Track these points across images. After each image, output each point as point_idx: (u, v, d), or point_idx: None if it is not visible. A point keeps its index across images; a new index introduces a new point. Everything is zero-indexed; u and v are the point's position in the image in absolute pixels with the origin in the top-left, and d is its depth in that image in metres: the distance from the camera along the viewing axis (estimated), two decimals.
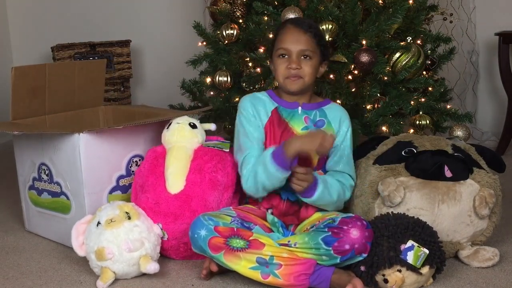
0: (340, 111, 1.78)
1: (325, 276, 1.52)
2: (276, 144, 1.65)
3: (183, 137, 1.82)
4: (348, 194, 1.74)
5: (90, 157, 1.81)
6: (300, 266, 1.52)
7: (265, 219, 1.72)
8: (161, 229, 1.72)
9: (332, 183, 1.67)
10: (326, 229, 1.54)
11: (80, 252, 1.69)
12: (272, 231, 1.68)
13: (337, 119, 1.75)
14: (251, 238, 1.55)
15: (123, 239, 1.62)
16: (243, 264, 1.54)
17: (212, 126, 1.93)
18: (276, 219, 1.72)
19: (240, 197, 1.82)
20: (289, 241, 1.57)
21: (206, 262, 1.64)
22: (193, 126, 1.85)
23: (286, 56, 1.67)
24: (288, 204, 1.71)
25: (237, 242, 1.54)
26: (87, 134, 1.79)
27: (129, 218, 1.66)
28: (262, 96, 1.77)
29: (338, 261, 1.53)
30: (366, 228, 1.52)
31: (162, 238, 1.73)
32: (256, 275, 1.54)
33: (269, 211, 1.73)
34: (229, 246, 1.54)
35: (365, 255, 1.53)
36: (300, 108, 1.73)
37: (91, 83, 2.29)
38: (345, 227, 1.52)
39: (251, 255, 1.54)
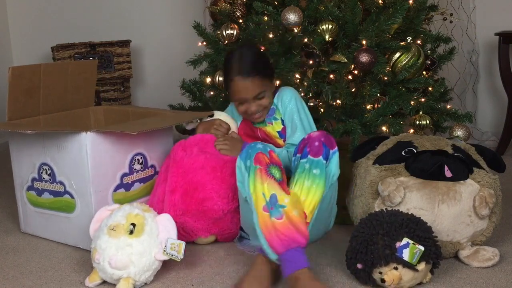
0: (282, 92, 1.96)
1: (298, 259, 1.51)
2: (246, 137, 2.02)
3: (233, 124, 2.03)
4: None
5: (96, 156, 1.82)
6: (292, 233, 1.53)
7: None
8: (177, 250, 1.62)
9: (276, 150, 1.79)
10: (296, 153, 1.71)
11: (92, 234, 1.70)
12: None
13: (280, 100, 1.95)
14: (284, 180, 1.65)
15: (112, 253, 1.58)
16: (263, 187, 1.58)
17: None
18: None
19: None
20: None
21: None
22: None
23: (244, 102, 1.92)
24: None
25: (275, 172, 1.62)
26: (94, 133, 1.80)
27: (131, 232, 1.60)
28: None
29: (325, 162, 1.62)
30: (322, 131, 1.71)
31: (175, 259, 1.63)
32: (261, 202, 1.57)
33: None
34: (267, 171, 1.61)
35: (335, 149, 1.66)
36: None
37: (83, 83, 2.29)
38: (305, 137, 1.70)
39: (272, 187, 1.58)
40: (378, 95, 2.10)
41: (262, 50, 2.00)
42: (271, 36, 2.14)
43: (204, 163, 1.85)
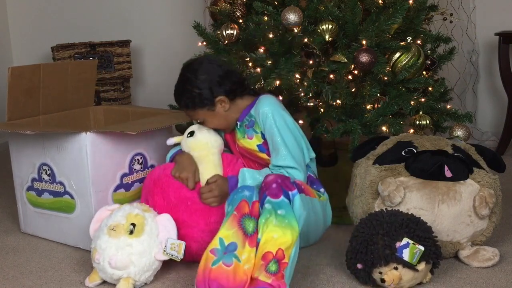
0: (259, 104, 1.81)
1: None
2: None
3: (216, 142, 1.83)
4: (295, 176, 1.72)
5: (96, 156, 1.82)
6: (228, 282, 1.47)
7: None
8: (177, 250, 1.62)
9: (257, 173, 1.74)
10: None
11: (92, 234, 1.70)
12: None
13: (258, 114, 1.80)
14: (256, 233, 1.54)
15: (112, 253, 1.58)
16: (227, 233, 1.53)
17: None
18: None
19: None
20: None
21: None
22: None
23: None
24: None
25: (248, 224, 1.54)
26: (94, 133, 1.80)
27: (131, 232, 1.60)
28: None
29: (287, 200, 1.54)
30: (277, 174, 1.62)
31: (175, 259, 1.63)
32: (214, 244, 1.52)
33: None
34: (241, 221, 1.54)
35: (294, 191, 1.57)
36: (238, 122, 1.86)
37: (83, 83, 2.30)
38: (262, 184, 1.60)
39: (237, 237, 1.52)
40: (378, 95, 2.09)
41: (196, 77, 1.80)
42: (271, 36, 2.14)
43: (186, 216, 1.73)
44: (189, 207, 1.73)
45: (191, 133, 1.84)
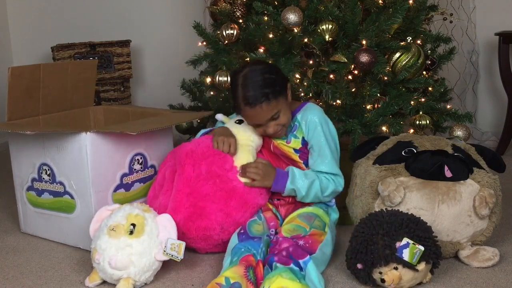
0: (308, 111, 1.84)
1: None
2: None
3: (259, 139, 1.87)
4: (328, 187, 1.79)
5: (96, 156, 1.82)
6: None
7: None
8: (177, 250, 1.62)
9: (309, 173, 1.79)
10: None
11: (92, 234, 1.70)
12: (277, 217, 1.83)
13: (305, 121, 1.82)
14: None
15: (112, 253, 1.58)
16: (233, 274, 1.53)
17: None
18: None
19: None
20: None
21: None
22: None
23: (260, 125, 1.80)
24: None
25: (252, 276, 1.55)
26: (94, 133, 1.80)
27: (131, 233, 1.60)
28: None
29: (297, 269, 1.53)
30: (291, 241, 1.62)
31: (175, 259, 1.63)
32: (219, 280, 1.51)
33: None
34: (246, 270, 1.55)
35: (306, 258, 1.57)
36: None
37: (83, 83, 2.29)
38: (273, 243, 1.65)
39: (241, 280, 1.52)
40: (378, 95, 2.10)
41: (268, 66, 1.80)
42: (271, 36, 2.14)
43: (211, 191, 1.75)
44: (217, 184, 1.75)
45: (240, 121, 1.87)
